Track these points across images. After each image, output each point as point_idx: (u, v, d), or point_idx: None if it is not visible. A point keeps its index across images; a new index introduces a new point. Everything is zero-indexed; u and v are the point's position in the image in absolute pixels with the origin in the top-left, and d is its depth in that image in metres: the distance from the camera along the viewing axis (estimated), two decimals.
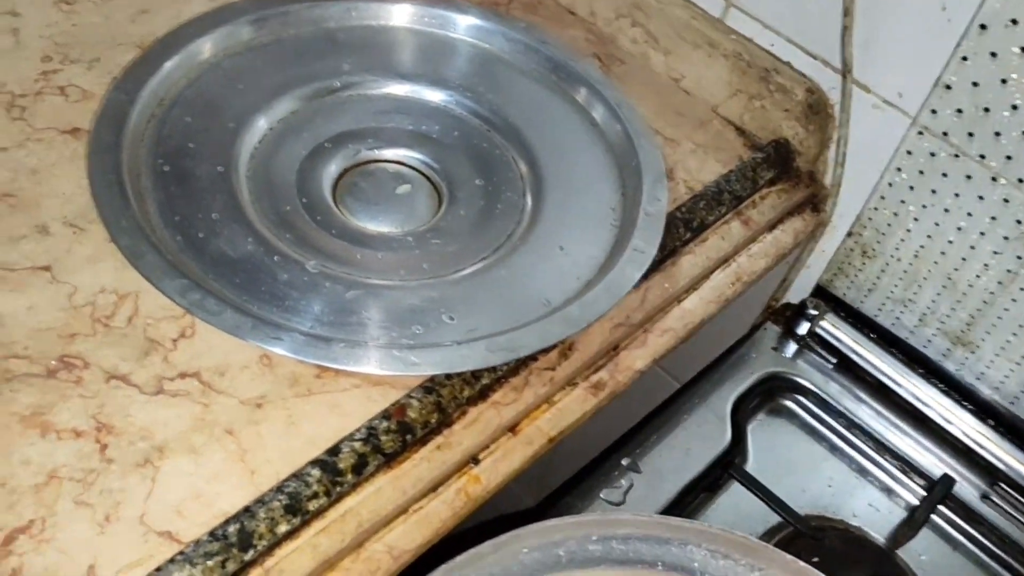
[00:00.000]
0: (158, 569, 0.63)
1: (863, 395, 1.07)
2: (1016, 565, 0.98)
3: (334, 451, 0.71)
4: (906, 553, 0.98)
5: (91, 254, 0.79)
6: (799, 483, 1.02)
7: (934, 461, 1.03)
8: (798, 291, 1.18)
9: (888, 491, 1.03)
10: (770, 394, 1.08)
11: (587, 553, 0.72)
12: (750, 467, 1.02)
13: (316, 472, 0.69)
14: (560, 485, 0.94)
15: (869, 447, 1.04)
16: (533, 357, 0.82)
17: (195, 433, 0.71)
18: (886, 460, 1.04)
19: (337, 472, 0.70)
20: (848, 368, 1.09)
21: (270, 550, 0.67)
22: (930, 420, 1.04)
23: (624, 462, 0.97)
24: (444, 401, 0.76)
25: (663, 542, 0.72)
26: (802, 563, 0.71)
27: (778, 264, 1.07)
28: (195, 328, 0.76)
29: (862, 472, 1.04)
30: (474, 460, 0.78)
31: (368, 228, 0.89)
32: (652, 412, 1.04)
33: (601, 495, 0.93)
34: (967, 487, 1.02)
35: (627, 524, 0.72)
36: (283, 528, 0.67)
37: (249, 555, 0.65)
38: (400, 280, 0.83)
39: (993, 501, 1.01)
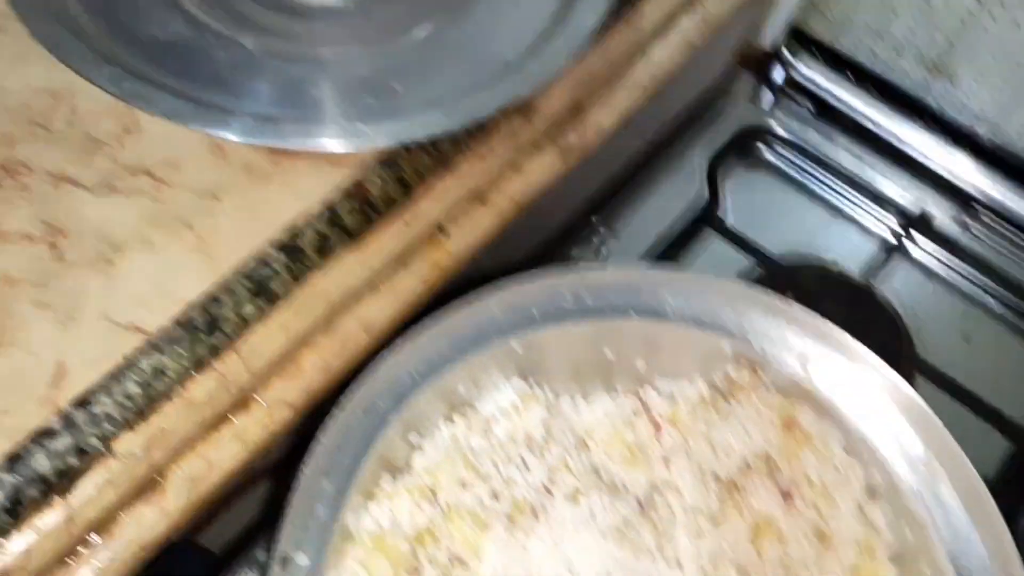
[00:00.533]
0: (126, 359, 0.62)
1: (841, 138, 1.05)
2: (994, 289, 0.99)
3: (295, 233, 0.69)
4: (883, 285, 0.99)
5: (15, 54, 0.75)
6: (777, 232, 1.02)
7: (912, 196, 1.03)
8: (772, 37, 1.12)
9: (865, 229, 1.03)
10: (747, 146, 1.06)
11: (560, 309, 0.72)
12: (726, 218, 1.01)
13: (278, 254, 0.68)
14: (532, 249, 0.94)
15: (846, 187, 1.03)
16: (495, 122, 0.79)
17: (151, 228, 0.69)
18: (863, 198, 1.03)
19: (300, 252, 0.69)
20: (826, 113, 1.06)
21: (239, 333, 0.67)
22: (908, 156, 1.02)
23: (597, 222, 0.96)
24: (406, 174, 0.74)
25: (635, 291, 0.72)
26: (776, 297, 0.71)
27: (746, 4, 1.01)
28: (138, 123, 0.73)
29: (839, 213, 1.04)
30: (441, 231, 0.77)
31: None
32: (625, 172, 1.02)
33: (575, 256, 0.93)
34: (944, 218, 1.02)
35: (599, 276, 0.71)
36: (250, 311, 0.66)
37: (218, 339, 0.65)
38: (345, 51, 0.78)
39: (970, 227, 1.00)
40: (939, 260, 1.01)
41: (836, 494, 0.70)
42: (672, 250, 0.97)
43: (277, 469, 0.76)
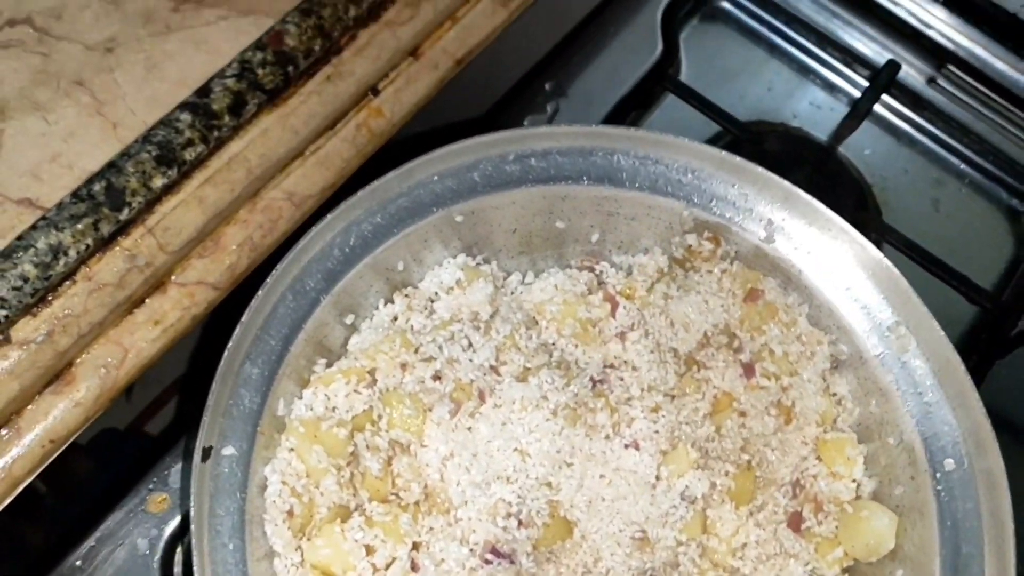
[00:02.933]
0: (19, 238, 0.56)
1: None
2: (962, 149, 0.95)
3: (204, 92, 0.62)
4: (849, 149, 0.94)
5: None
6: (737, 90, 0.95)
7: (879, 50, 0.96)
8: None
9: (830, 87, 0.97)
10: None
11: (504, 175, 0.65)
12: (685, 78, 0.94)
13: (186, 116, 0.61)
14: (480, 117, 0.87)
15: (810, 42, 0.97)
16: None
17: (38, 88, 0.61)
18: (828, 54, 0.97)
19: (211, 115, 0.61)
20: None
21: (148, 207, 0.60)
22: (875, 4, 0.95)
23: (548, 86, 0.89)
24: (326, 24, 0.66)
25: (586, 153, 0.66)
26: (738, 157, 0.65)
27: None
28: None
29: (803, 71, 0.97)
30: (373, 91, 0.69)
31: None
32: (574, 30, 0.94)
33: (525, 123, 0.86)
34: (913, 73, 0.96)
35: (546, 137, 0.65)
36: (158, 182, 0.60)
37: (124, 214, 0.58)
38: None
39: (940, 85, 0.95)
40: (908, 121, 0.96)
41: (799, 367, 0.66)
42: (628, 113, 0.90)
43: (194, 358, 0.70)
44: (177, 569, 0.68)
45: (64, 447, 0.58)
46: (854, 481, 0.65)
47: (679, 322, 0.67)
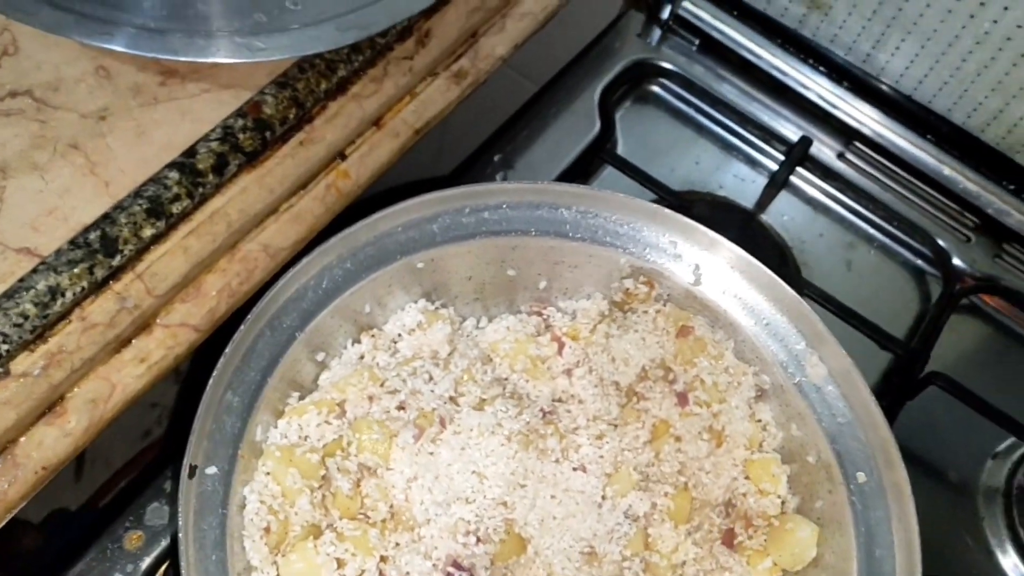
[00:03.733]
0: (21, 280, 0.61)
1: (725, 73, 1.08)
2: (871, 215, 1.05)
3: (190, 153, 0.69)
4: (770, 215, 1.03)
5: None
6: (668, 164, 1.05)
7: (793, 128, 1.07)
8: None
9: (752, 162, 1.07)
10: (637, 81, 1.08)
11: (461, 227, 0.73)
12: (621, 153, 1.04)
13: (174, 174, 0.67)
14: (443, 176, 0.95)
15: (732, 121, 1.07)
16: (389, 47, 0.79)
17: (36, 151, 0.67)
18: (748, 132, 1.07)
19: (197, 173, 0.68)
20: (711, 48, 1.09)
21: (138, 255, 0.66)
22: (789, 88, 1.06)
23: (496, 159, 0.98)
24: (301, 95, 0.74)
25: (534, 207, 0.74)
26: (667, 209, 0.74)
27: None
28: (17, 43, 0.71)
29: (727, 147, 1.07)
30: (341, 155, 0.77)
31: None
32: (520, 111, 1.04)
33: None
34: (824, 149, 1.06)
35: (498, 193, 0.73)
36: (148, 232, 0.66)
37: (116, 260, 0.64)
38: None
39: (849, 159, 1.06)
40: (822, 191, 1.06)
41: (728, 395, 0.73)
42: (570, 181, 0.99)
43: (182, 392, 0.75)
44: None
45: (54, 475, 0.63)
46: (779, 497, 0.72)
47: (620, 358, 0.74)
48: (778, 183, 1.02)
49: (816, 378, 0.71)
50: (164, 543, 0.72)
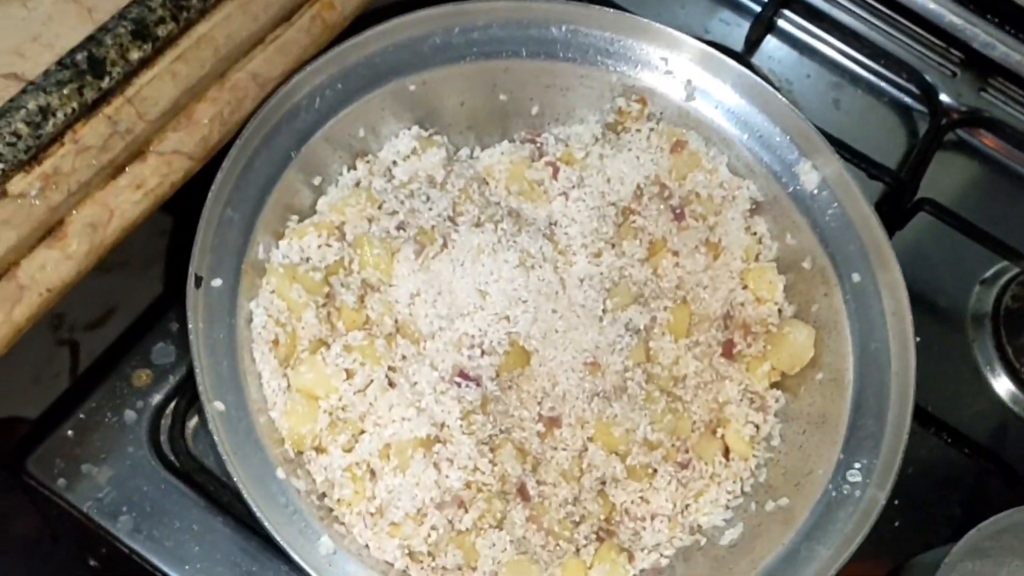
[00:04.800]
0: (11, 100, 0.60)
1: None
2: (856, 55, 1.04)
3: None
4: (758, 59, 1.03)
5: None
6: (654, 9, 1.00)
7: None
8: None
9: (737, 6, 1.05)
10: None
11: (451, 49, 0.72)
12: None
13: None
14: None
15: None
16: None
17: None
18: None
19: None
20: None
21: (127, 78, 0.65)
22: None
23: None
24: None
25: (523, 26, 0.73)
26: (657, 24, 0.73)
27: None
28: None
29: None
30: None
31: None
32: None
33: None
34: None
35: (485, 11, 0.72)
36: (135, 55, 0.65)
37: (105, 82, 0.63)
38: None
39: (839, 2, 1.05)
40: (808, 33, 1.05)
41: (723, 208, 0.74)
42: None
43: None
44: (163, 437, 0.73)
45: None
46: (776, 305, 0.73)
47: (614, 177, 0.75)
48: (763, 24, 1.01)
49: (809, 185, 0.72)
50: (172, 380, 0.74)
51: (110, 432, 0.71)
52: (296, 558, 0.58)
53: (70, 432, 0.71)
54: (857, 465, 0.66)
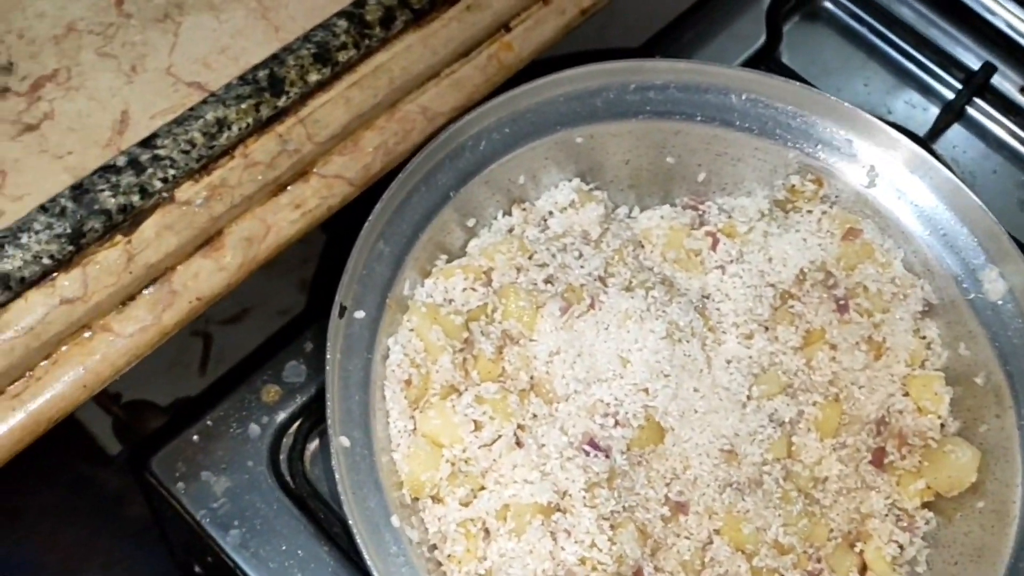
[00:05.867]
0: (191, 109, 0.62)
1: None
2: None
3: (360, 3, 0.68)
4: (941, 147, 0.97)
5: None
6: (835, 84, 0.99)
7: (973, 57, 1.00)
8: None
9: (925, 88, 1.00)
10: None
11: (624, 104, 0.70)
12: (786, 63, 0.99)
13: (343, 23, 0.67)
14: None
15: (908, 44, 1.00)
16: None
17: None
18: (924, 56, 1.00)
19: (365, 24, 0.67)
20: None
21: (303, 99, 0.66)
22: (972, 12, 0.99)
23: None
24: None
25: (702, 91, 0.70)
26: (845, 103, 0.69)
27: None
28: None
29: (900, 71, 1.01)
30: (506, 27, 0.75)
31: None
32: (685, 14, 1.00)
33: None
34: (1006, 80, 0.99)
35: (665, 71, 0.70)
36: (314, 77, 0.65)
37: (282, 101, 0.64)
38: None
39: None
40: (1000, 126, 0.99)
41: (892, 307, 0.69)
42: None
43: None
44: (282, 456, 0.73)
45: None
46: (939, 418, 0.67)
47: (777, 258, 0.70)
48: (954, 112, 0.95)
49: (994, 294, 0.66)
50: (299, 400, 0.74)
51: (233, 443, 0.72)
52: None
53: (195, 437, 0.72)
54: None
